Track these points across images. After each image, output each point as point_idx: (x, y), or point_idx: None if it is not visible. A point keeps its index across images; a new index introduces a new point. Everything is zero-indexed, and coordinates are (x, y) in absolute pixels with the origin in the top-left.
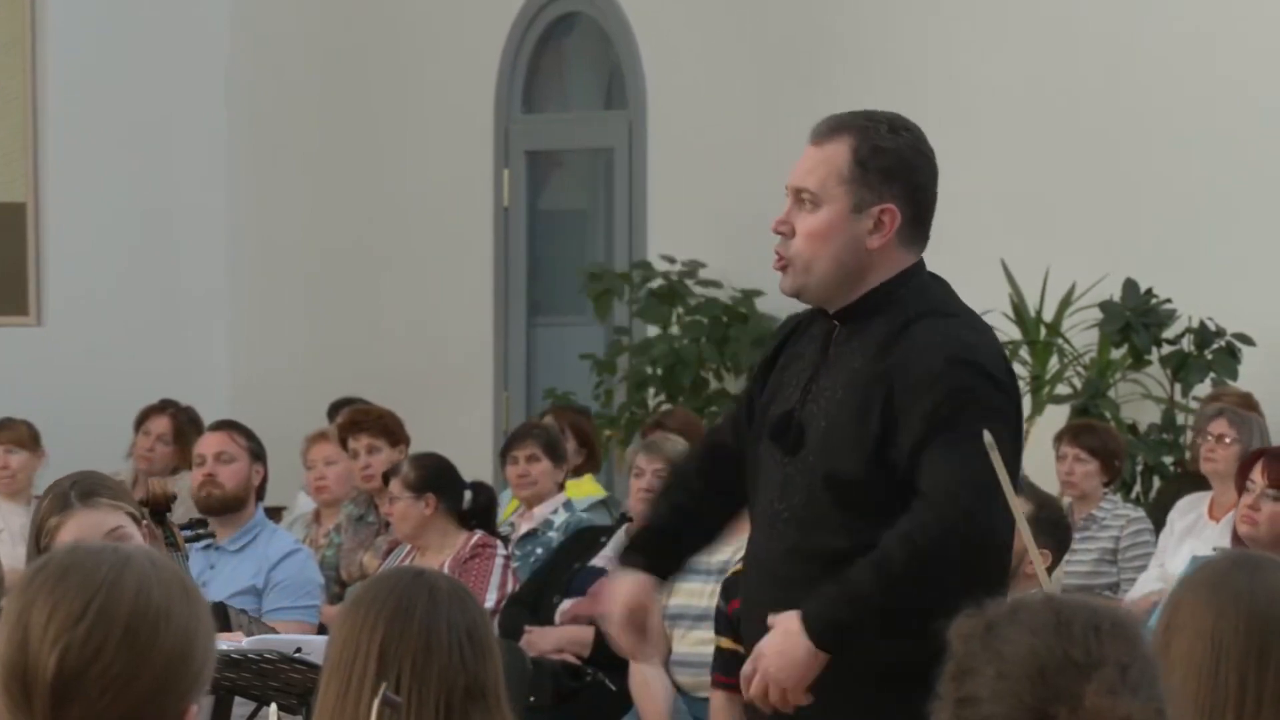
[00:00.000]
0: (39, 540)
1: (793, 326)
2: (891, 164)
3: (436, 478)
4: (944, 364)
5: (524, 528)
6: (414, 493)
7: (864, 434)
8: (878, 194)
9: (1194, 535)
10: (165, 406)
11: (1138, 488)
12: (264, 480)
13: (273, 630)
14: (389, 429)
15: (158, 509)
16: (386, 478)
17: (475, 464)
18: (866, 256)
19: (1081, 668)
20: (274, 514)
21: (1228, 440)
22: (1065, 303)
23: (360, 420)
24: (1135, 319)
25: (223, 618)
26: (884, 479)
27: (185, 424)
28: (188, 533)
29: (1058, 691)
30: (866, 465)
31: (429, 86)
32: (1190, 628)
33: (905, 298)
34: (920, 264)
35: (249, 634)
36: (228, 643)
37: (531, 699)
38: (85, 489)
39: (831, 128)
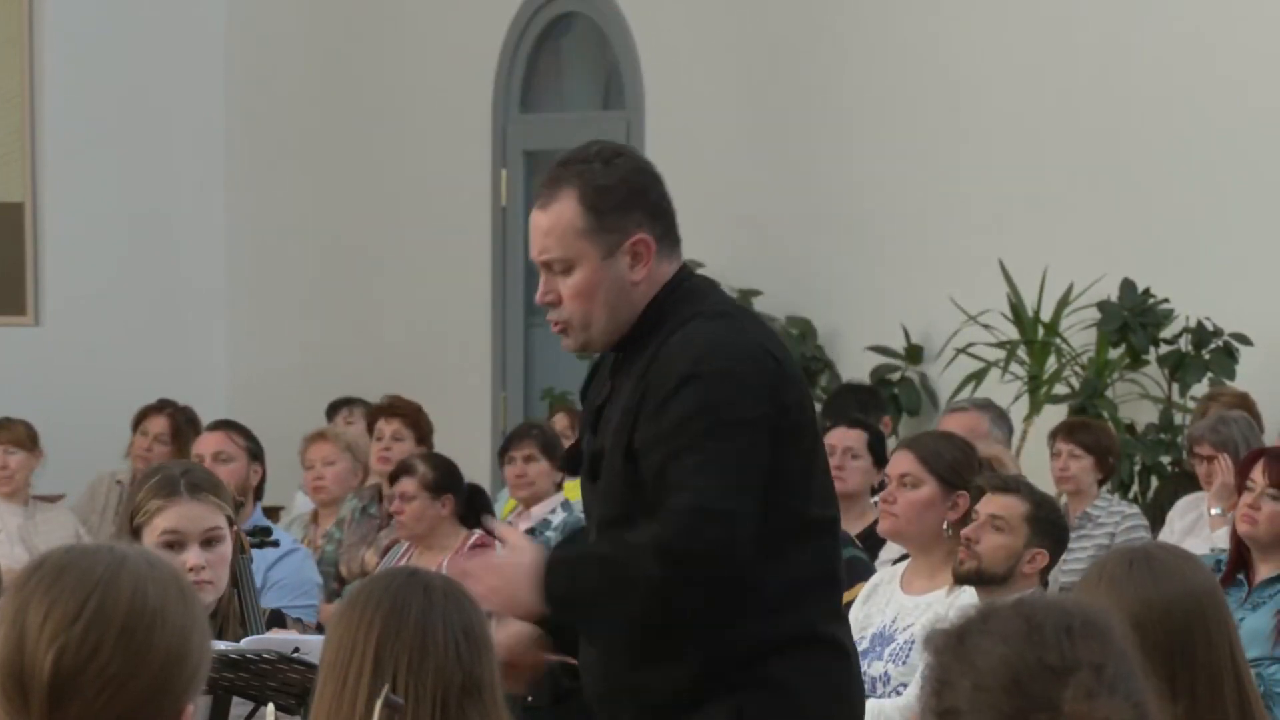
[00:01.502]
0: (133, 518)
1: (594, 367)
2: (622, 197)
3: (452, 479)
4: (683, 374)
5: (522, 528)
6: (432, 493)
7: (624, 460)
8: (622, 231)
9: (1194, 534)
10: (163, 406)
11: (1135, 487)
12: (262, 480)
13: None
14: (420, 426)
15: None
16: (393, 476)
17: (473, 464)
18: (634, 290)
19: (1057, 673)
20: (272, 514)
21: (1216, 458)
22: (1063, 303)
23: (398, 406)
24: (1133, 319)
25: (280, 626)
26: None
27: (183, 424)
28: (253, 539)
29: (1035, 700)
30: (632, 490)
31: (426, 87)
32: None
33: (672, 308)
34: (684, 271)
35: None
36: (225, 643)
37: (529, 699)
38: (195, 481)
39: (549, 186)
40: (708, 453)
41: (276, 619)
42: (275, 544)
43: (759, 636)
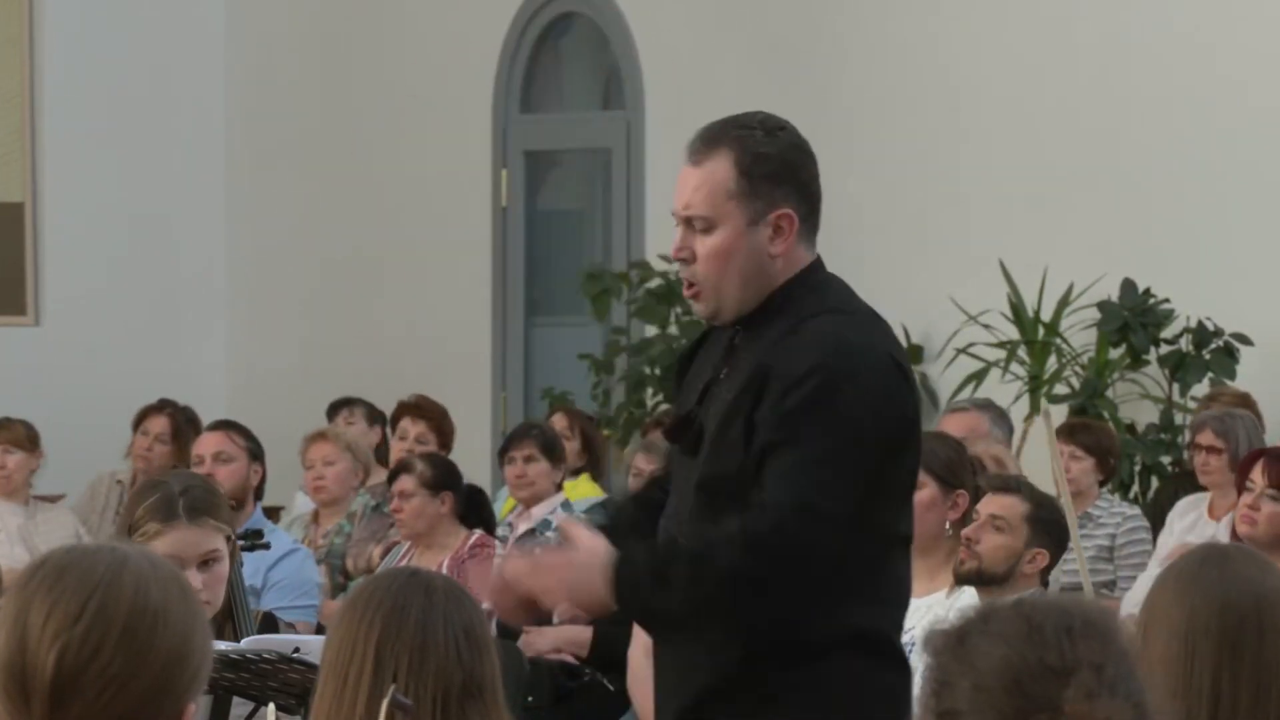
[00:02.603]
0: (130, 535)
1: (700, 337)
2: (776, 168)
3: (451, 477)
4: (812, 364)
5: (522, 528)
6: (431, 490)
7: (739, 434)
8: (770, 201)
9: (1195, 533)
10: (163, 406)
11: (1136, 487)
12: (262, 480)
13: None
14: (443, 431)
15: None
16: (391, 475)
17: (473, 464)
18: (771, 264)
19: (1057, 673)
20: (272, 514)
21: (1217, 448)
22: (1063, 303)
23: (425, 409)
24: (1133, 319)
25: (272, 628)
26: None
27: (183, 424)
28: (243, 543)
29: (1036, 700)
30: (741, 466)
31: (426, 87)
32: (1164, 628)
33: (803, 297)
34: (819, 262)
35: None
36: (225, 643)
37: (530, 699)
38: (194, 504)
39: (706, 143)
40: (821, 451)
41: (268, 623)
42: (266, 546)
43: (828, 640)
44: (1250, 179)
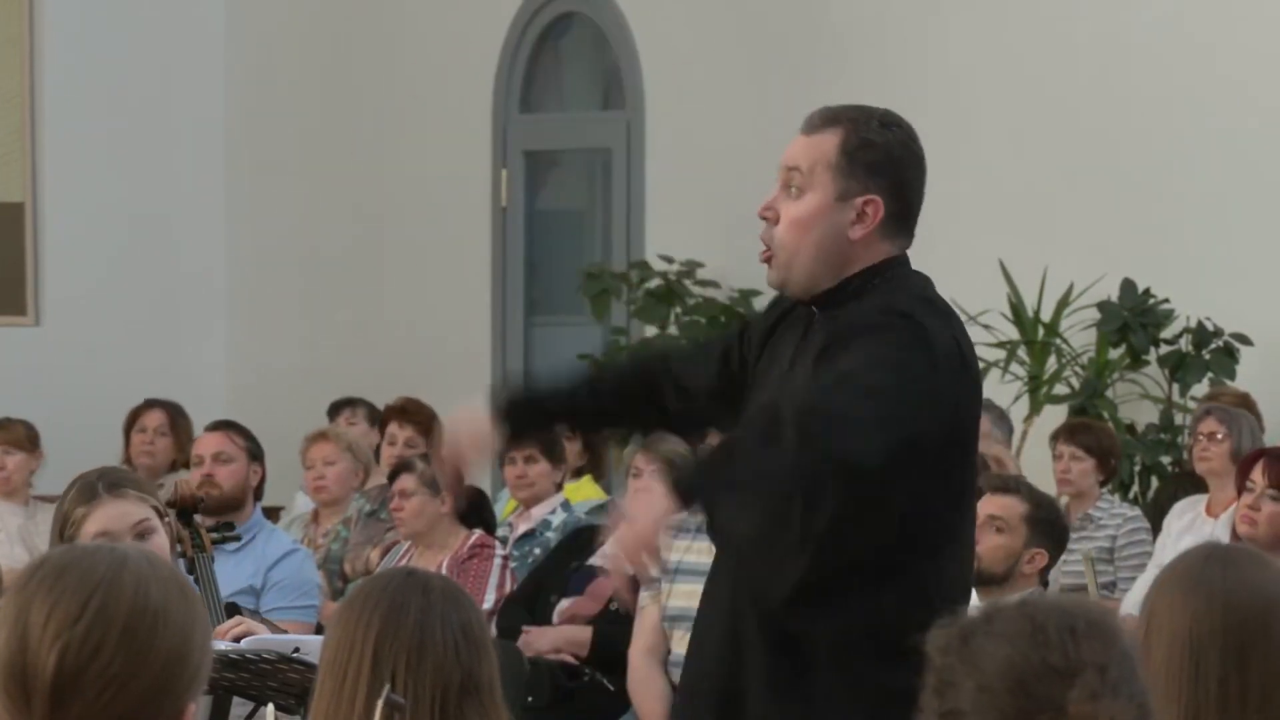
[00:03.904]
0: (63, 532)
1: (782, 312)
2: (879, 158)
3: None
4: (879, 317)
5: (522, 528)
6: (431, 490)
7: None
8: (863, 185)
9: (1192, 532)
10: (151, 404)
11: (1135, 488)
12: (262, 480)
13: (281, 630)
14: (433, 433)
15: (185, 509)
16: (392, 474)
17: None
18: (848, 246)
19: (1061, 674)
20: (271, 514)
21: (1219, 437)
22: (1063, 303)
23: (412, 411)
24: (1133, 319)
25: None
26: None
27: (177, 415)
28: (214, 535)
29: (1040, 701)
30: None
31: (427, 87)
32: (1167, 630)
33: (883, 285)
34: (905, 258)
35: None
36: (225, 643)
37: (530, 699)
38: (112, 480)
39: (824, 119)
40: (873, 394)
41: (231, 614)
42: (237, 538)
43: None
44: (1250, 179)
